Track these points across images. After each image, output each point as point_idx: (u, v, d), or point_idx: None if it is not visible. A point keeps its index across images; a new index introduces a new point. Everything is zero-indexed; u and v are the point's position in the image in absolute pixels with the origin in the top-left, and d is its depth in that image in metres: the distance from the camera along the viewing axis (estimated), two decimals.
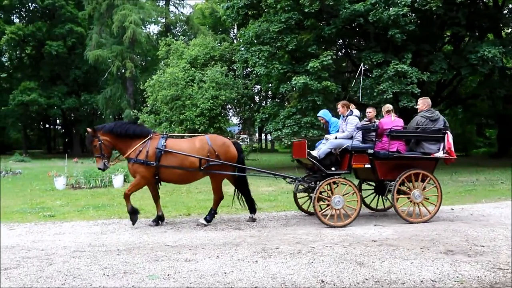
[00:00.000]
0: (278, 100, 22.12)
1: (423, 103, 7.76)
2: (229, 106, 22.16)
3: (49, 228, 7.01)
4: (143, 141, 6.95)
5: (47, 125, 44.00)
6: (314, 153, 7.43)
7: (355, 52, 21.31)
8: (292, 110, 17.09)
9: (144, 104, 22.80)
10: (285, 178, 7.85)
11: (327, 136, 7.86)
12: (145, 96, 20.89)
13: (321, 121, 8.62)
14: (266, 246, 5.74)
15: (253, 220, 7.49)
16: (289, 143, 16.55)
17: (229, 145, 7.33)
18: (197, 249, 5.62)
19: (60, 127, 45.23)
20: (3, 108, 35.19)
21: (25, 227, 7.19)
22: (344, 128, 7.59)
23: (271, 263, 4.97)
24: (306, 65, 16.39)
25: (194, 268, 4.81)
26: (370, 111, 7.99)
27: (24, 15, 38.03)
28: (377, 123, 7.51)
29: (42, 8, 36.38)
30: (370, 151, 7.25)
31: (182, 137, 7.73)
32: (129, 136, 7.00)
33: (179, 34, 36.14)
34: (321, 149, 7.42)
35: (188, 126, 18.17)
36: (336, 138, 7.51)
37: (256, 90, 22.76)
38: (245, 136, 31.39)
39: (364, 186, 8.55)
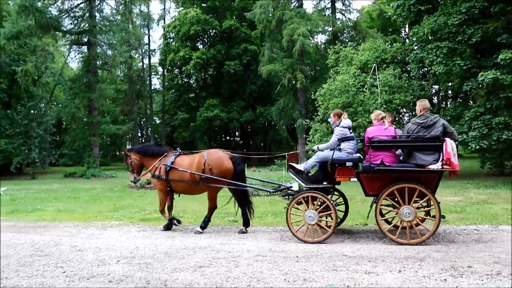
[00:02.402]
0: (461, 100, 19.93)
1: (417, 107, 6.58)
2: (404, 110, 20.86)
3: (234, 232, 7.56)
4: (159, 158, 8.00)
5: (228, 137, 48.39)
6: (301, 166, 7.17)
7: None
8: (479, 110, 15.13)
9: (316, 113, 23.12)
10: (267, 192, 8.09)
11: (315, 147, 7.38)
12: (316, 105, 21.08)
13: None
14: (456, 263, 5.13)
15: (243, 232, 7.49)
16: (477, 147, 14.69)
17: (223, 159, 7.61)
18: (376, 261, 5.34)
19: (239, 138, 49.27)
20: (192, 124, 40.15)
21: (213, 230, 7.92)
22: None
23: (463, 283, 4.41)
24: (495, 57, 14.40)
25: (375, 281, 4.55)
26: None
27: (206, 41, 42.92)
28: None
29: (221, 32, 40.64)
30: (349, 164, 6.48)
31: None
32: (151, 155, 8.18)
33: (347, 40, 35.82)
34: (308, 162, 7.11)
35: (361, 133, 17.74)
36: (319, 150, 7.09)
37: (434, 91, 20.84)
38: None
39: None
